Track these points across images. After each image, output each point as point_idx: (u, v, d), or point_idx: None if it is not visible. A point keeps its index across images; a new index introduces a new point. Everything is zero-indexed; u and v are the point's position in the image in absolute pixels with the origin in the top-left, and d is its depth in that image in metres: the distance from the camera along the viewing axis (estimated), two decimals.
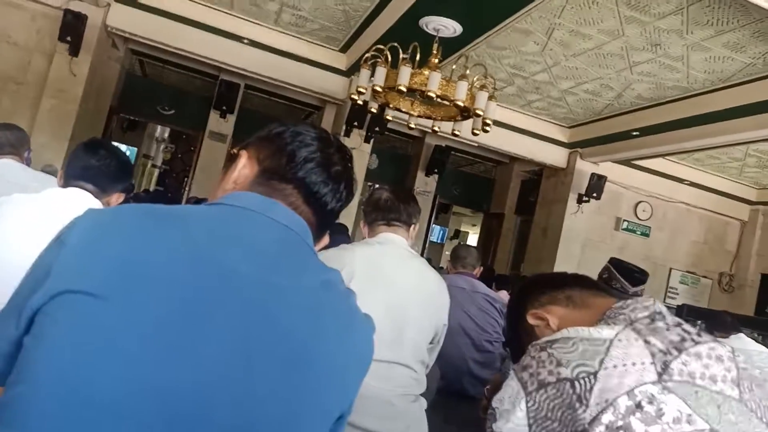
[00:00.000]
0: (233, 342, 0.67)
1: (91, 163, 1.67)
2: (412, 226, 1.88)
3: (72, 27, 5.40)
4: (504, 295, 3.90)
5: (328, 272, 0.80)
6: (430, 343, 1.82)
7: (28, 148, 2.60)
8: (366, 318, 0.81)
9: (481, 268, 3.28)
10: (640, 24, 4.11)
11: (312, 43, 6.09)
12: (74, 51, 5.52)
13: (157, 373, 0.63)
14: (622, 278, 2.29)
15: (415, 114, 4.54)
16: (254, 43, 5.96)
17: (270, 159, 0.84)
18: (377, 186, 1.99)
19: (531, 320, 1.03)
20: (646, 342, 0.81)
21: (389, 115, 4.88)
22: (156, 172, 13.47)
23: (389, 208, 1.84)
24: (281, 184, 0.82)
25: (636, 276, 2.32)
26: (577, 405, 0.75)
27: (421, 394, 1.81)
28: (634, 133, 6.16)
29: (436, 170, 8.39)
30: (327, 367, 0.73)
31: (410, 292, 1.75)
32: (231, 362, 0.67)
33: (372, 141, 6.80)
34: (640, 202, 8.07)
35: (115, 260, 0.67)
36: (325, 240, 0.93)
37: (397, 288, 1.72)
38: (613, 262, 2.38)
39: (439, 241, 12.01)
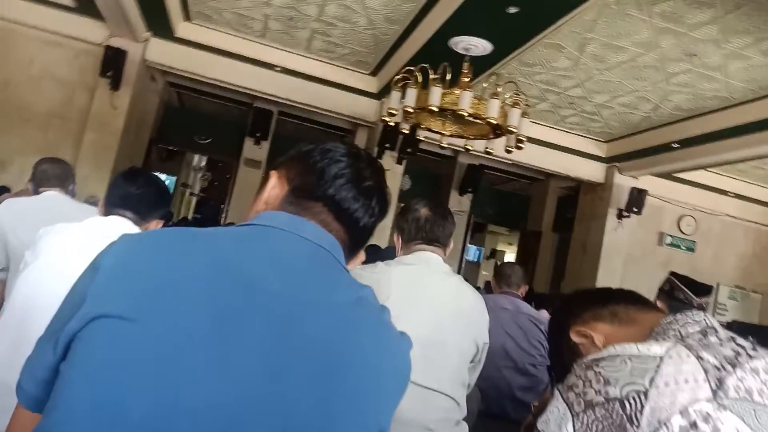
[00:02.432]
0: (265, 359, 0.66)
1: (130, 192, 1.71)
2: (449, 244, 1.85)
3: (113, 62, 5.62)
4: (546, 315, 3.81)
5: (361, 289, 0.79)
6: (471, 362, 1.78)
7: (73, 181, 2.69)
8: (402, 334, 0.79)
9: (527, 287, 3.20)
10: (674, 35, 4.03)
11: (343, 68, 6.18)
12: (115, 85, 5.73)
13: (190, 393, 0.63)
14: (686, 289, 2.21)
15: (447, 133, 4.54)
16: (286, 70, 6.09)
17: (299, 177, 0.83)
18: (413, 200, 1.94)
19: (575, 338, 0.99)
20: (699, 358, 0.76)
21: (421, 135, 4.89)
22: (194, 200, 13.79)
23: (430, 228, 1.80)
24: (311, 202, 0.81)
25: (701, 286, 2.24)
26: (628, 426, 0.71)
27: (463, 418, 1.76)
28: (674, 146, 6.02)
29: (469, 189, 8.34)
30: (363, 381, 0.71)
31: (448, 312, 1.71)
32: (263, 379, 0.66)
33: (404, 162, 6.81)
34: (683, 216, 7.85)
35: (146, 282, 0.67)
36: (361, 257, 0.92)
37: (435, 308, 1.69)
38: (675, 274, 2.33)
39: (475, 261, 11.87)
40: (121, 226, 1.65)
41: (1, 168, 5.77)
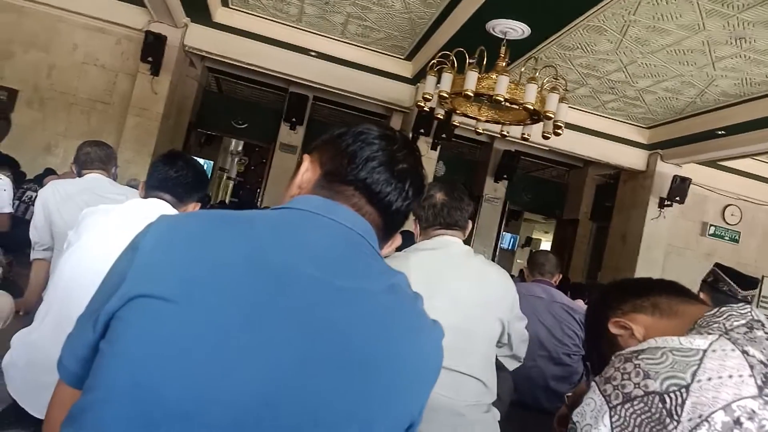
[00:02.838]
0: (299, 346, 0.66)
1: (169, 174, 1.74)
2: (467, 226, 1.83)
3: (153, 48, 5.72)
4: (582, 305, 3.75)
5: (395, 275, 0.78)
6: (499, 342, 1.76)
7: (115, 164, 2.76)
8: (434, 323, 0.79)
9: (560, 275, 3.15)
10: (722, 17, 3.87)
11: (378, 52, 6.15)
12: (155, 71, 5.84)
13: (224, 380, 0.63)
14: (731, 281, 2.14)
15: (483, 119, 4.47)
16: (321, 55, 6.09)
17: (332, 161, 0.82)
18: (428, 184, 1.90)
19: (613, 329, 0.97)
20: (744, 352, 0.73)
21: (456, 120, 4.83)
22: (231, 184, 14.00)
23: (448, 213, 1.77)
24: (343, 185, 0.81)
25: (747, 278, 2.17)
26: (668, 421, 0.69)
27: (495, 405, 1.75)
28: (720, 132, 5.80)
29: (505, 176, 8.24)
30: (395, 371, 0.71)
31: (472, 294, 1.69)
32: (296, 369, 0.66)
33: (439, 148, 6.76)
34: (728, 205, 7.59)
35: (186, 264, 0.68)
36: (398, 241, 0.90)
37: (459, 292, 1.67)
38: (719, 265, 2.25)
39: (510, 249, 11.76)
40: (160, 207, 1.68)
41: (46, 151, 5.96)
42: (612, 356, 0.81)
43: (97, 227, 1.58)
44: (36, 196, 2.55)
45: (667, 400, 0.70)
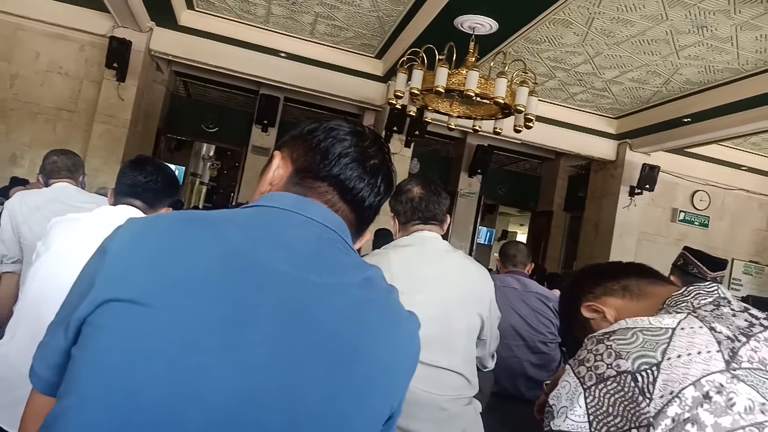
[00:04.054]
0: (276, 343, 0.66)
1: (138, 180, 1.71)
2: (445, 220, 1.84)
3: (118, 53, 5.62)
4: (558, 294, 3.79)
5: (369, 269, 0.78)
6: (479, 337, 1.78)
7: (83, 173, 2.70)
8: (410, 314, 0.79)
9: (532, 264, 3.18)
10: (684, 6, 3.95)
11: (348, 51, 6.14)
12: (121, 77, 5.74)
13: (202, 381, 0.63)
14: (700, 263, 2.19)
15: (455, 114, 4.50)
16: (291, 56, 6.06)
17: (303, 157, 0.82)
18: (403, 181, 1.91)
19: (586, 313, 0.99)
20: (712, 329, 0.75)
21: (429, 117, 4.85)
22: (204, 189, 13.84)
23: (426, 207, 1.78)
24: (316, 182, 0.80)
25: (716, 260, 2.22)
26: (640, 398, 0.71)
27: (476, 397, 1.77)
28: (686, 120, 5.93)
29: (479, 170, 8.30)
30: (373, 364, 0.71)
31: (453, 289, 1.70)
32: (275, 363, 0.65)
33: (412, 145, 6.78)
34: (696, 191, 7.77)
35: (158, 266, 0.67)
36: (367, 236, 0.91)
37: (440, 288, 1.68)
38: (688, 249, 2.30)
39: (486, 243, 11.84)
40: (130, 214, 1.65)
41: (12, 162, 5.83)
42: (585, 339, 0.82)
43: (66, 236, 1.55)
44: (2, 209, 2.48)
45: (639, 378, 0.72)
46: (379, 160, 0.84)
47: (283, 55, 6.04)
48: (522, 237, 12.64)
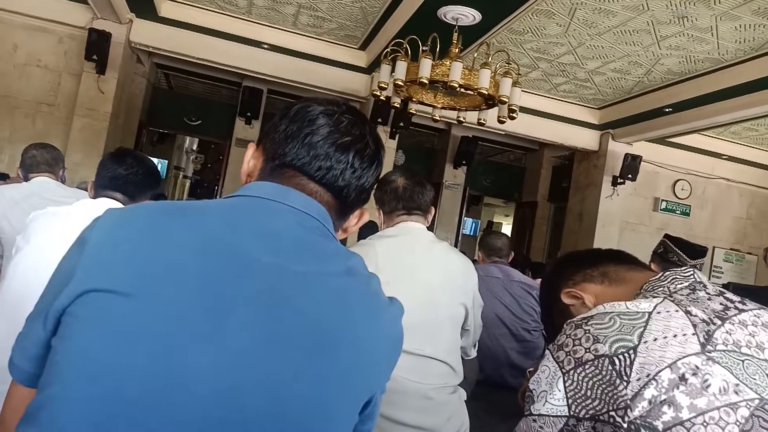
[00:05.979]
0: (258, 331, 0.66)
1: (118, 173, 1.70)
2: (430, 211, 1.85)
3: (97, 45, 5.53)
4: None
5: (351, 257, 0.78)
6: (463, 326, 1.79)
7: (63, 167, 2.67)
8: (392, 300, 0.79)
9: (512, 254, 3.21)
10: None
11: (331, 42, 6.10)
12: (101, 69, 5.65)
13: (185, 369, 0.63)
14: (680, 251, 2.22)
15: (439, 106, 4.50)
16: (274, 48, 6.00)
17: (273, 145, 0.82)
18: (388, 172, 1.92)
19: (565, 299, 1.00)
20: (687, 312, 0.77)
21: (413, 108, 4.85)
22: (187, 183, 13.71)
23: (409, 197, 1.79)
24: (287, 169, 0.80)
25: (696, 248, 2.25)
26: (618, 381, 0.72)
27: (461, 386, 1.78)
28: (667, 110, 5.99)
29: (464, 162, 8.31)
30: (355, 352, 0.72)
31: (438, 279, 1.72)
32: (257, 351, 0.66)
33: (397, 137, 6.78)
34: (678, 180, 7.86)
35: (138, 256, 0.67)
36: (365, 217, 0.90)
37: (424, 279, 1.70)
38: (668, 236, 2.33)
39: (472, 234, 11.90)
40: (110, 207, 1.63)
41: None
42: (564, 324, 0.84)
43: (46, 230, 1.54)
44: None
45: (617, 362, 0.73)
46: (352, 136, 0.82)
47: (265, 46, 5.99)
48: (507, 227, 12.71)
